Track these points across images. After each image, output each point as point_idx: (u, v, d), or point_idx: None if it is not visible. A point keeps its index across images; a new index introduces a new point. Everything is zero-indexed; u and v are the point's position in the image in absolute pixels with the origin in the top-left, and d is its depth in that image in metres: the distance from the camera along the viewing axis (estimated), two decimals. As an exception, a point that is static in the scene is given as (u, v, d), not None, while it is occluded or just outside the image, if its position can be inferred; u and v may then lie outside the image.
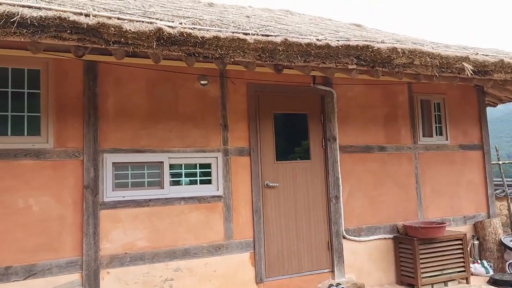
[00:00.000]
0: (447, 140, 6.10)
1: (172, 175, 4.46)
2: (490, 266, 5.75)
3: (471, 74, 4.62)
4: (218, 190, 4.60)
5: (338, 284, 4.86)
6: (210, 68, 4.57)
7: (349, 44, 4.00)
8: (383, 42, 4.28)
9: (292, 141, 5.15)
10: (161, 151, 4.39)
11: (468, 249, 5.99)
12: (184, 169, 4.53)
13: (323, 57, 3.94)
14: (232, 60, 3.63)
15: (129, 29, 3.11)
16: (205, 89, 4.66)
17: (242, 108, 4.84)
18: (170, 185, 4.41)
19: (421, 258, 5.15)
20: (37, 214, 3.84)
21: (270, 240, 4.82)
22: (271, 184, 4.87)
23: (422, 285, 5.10)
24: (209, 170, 4.62)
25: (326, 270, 5.08)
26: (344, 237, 5.19)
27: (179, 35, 3.28)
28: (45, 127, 3.94)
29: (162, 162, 4.37)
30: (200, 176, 4.59)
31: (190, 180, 4.58)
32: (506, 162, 9.42)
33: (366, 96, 5.59)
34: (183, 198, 4.44)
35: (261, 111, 4.92)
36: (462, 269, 5.38)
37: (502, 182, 9.34)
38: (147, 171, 4.36)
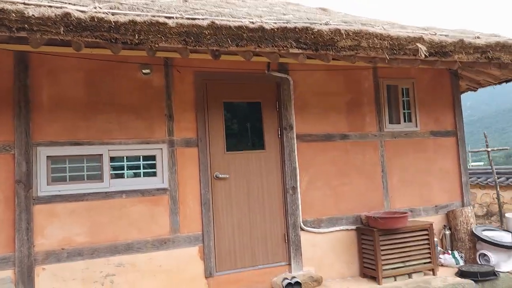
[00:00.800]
0: (416, 126, 5.85)
1: (114, 168, 4.33)
2: (461, 257, 5.51)
3: (426, 55, 4.37)
4: (163, 182, 4.45)
5: (293, 277, 4.69)
6: (153, 56, 4.40)
7: (286, 27, 3.79)
8: (326, 24, 4.06)
9: (245, 130, 4.97)
10: (100, 144, 4.25)
11: (440, 239, 5.79)
12: (127, 161, 4.39)
13: (258, 41, 3.74)
14: (156, 46, 3.46)
15: (33, 15, 2.96)
16: (148, 79, 4.50)
17: (189, 98, 4.67)
18: (111, 178, 4.28)
19: (382, 250, 4.94)
20: (-34, 210, 3.75)
21: (221, 233, 4.66)
22: (221, 176, 4.71)
23: (383, 277, 4.90)
24: (154, 162, 4.47)
25: (283, 263, 4.91)
26: (302, 229, 5.01)
27: (90, 20, 3.12)
28: (-27, 121, 3.84)
29: (102, 154, 4.24)
30: (144, 169, 4.45)
31: (134, 172, 4.44)
32: (495, 149, 9.09)
33: (327, 83, 5.37)
34: (125, 192, 4.31)
35: (210, 100, 4.75)
36: (428, 260, 5.16)
37: (491, 170, 9.07)
38: (86, 164, 4.24)
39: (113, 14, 3.24)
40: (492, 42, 4.79)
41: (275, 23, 3.83)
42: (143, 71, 4.44)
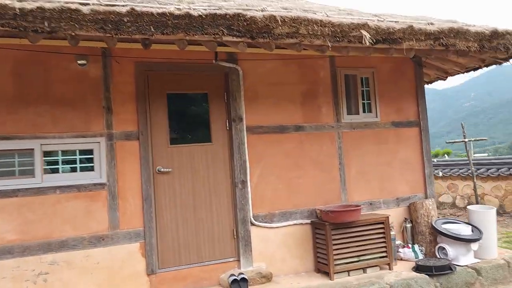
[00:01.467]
0: (377, 117, 5.67)
1: (49, 162, 4.18)
2: (421, 251, 5.36)
3: (371, 42, 4.18)
4: (101, 177, 4.30)
5: (241, 273, 4.55)
6: (91, 47, 4.24)
7: (215, 13, 3.61)
8: (262, 10, 3.87)
9: (190, 123, 4.80)
10: (32, 137, 4.10)
11: (401, 232, 5.64)
12: (63, 156, 4.24)
13: (185, 28, 3.56)
14: (71, 34, 3.29)
15: None
16: (84, 70, 4.33)
17: (130, 89, 4.50)
18: (45, 173, 4.13)
19: (335, 244, 4.79)
20: None
21: (164, 229, 4.52)
22: (163, 170, 4.55)
23: (335, 273, 4.75)
24: (92, 156, 4.32)
25: (231, 259, 4.77)
26: (252, 224, 4.86)
27: (-8, 7, 2.95)
28: None
29: (33, 149, 4.08)
30: (81, 163, 4.30)
31: (71, 167, 4.29)
32: (472, 139, 8.92)
33: (281, 73, 5.19)
34: (59, 187, 4.16)
35: (152, 92, 4.58)
36: (384, 254, 5.01)
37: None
38: (18, 159, 4.08)
39: (19, 0, 3.06)
40: (445, 28, 4.60)
41: (204, 9, 3.65)
42: (79, 62, 4.27)
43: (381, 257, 5.00)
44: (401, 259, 5.32)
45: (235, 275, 4.52)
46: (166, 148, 4.60)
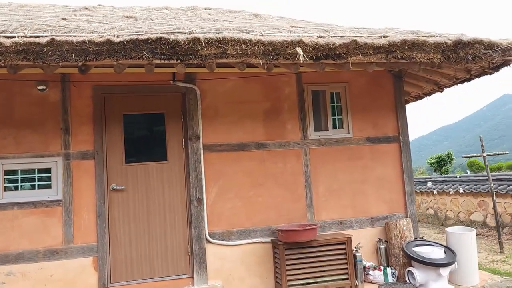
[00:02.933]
0: (348, 133, 5.48)
1: (10, 180, 4.55)
2: (394, 274, 5.06)
3: (305, 59, 4.10)
4: (57, 194, 4.60)
5: (191, 291, 4.61)
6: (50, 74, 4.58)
7: (137, 38, 3.77)
8: (190, 33, 3.97)
9: (147, 142, 4.98)
10: (-8, 158, 4.49)
11: (376, 253, 5.37)
12: (22, 174, 4.59)
13: (107, 54, 3.75)
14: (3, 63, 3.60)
15: None
16: (44, 95, 4.68)
17: (88, 111, 4.78)
18: (5, 190, 4.50)
19: (288, 264, 4.69)
20: None
21: (117, 245, 4.70)
22: (117, 187, 4.76)
23: (289, 294, 4.65)
24: (49, 174, 4.63)
25: (185, 276, 4.84)
26: (208, 241, 4.90)
27: None
28: None
29: (-6, 168, 4.48)
30: (40, 181, 4.62)
31: (31, 185, 4.63)
32: (491, 154, 8.24)
33: (242, 91, 5.22)
34: (18, 203, 4.50)
35: (109, 113, 4.83)
36: (345, 276, 4.81)
37: (487, 177, 8.29)
38: (-18, 177, 4.49)
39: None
40: (396, 41, 4.39)
41: (129, 35, 3.82)
42: (38, 87, 4.63)
43: (342, 279, 4.80)
44: (371, 282, 5.06)
45: (184, 292, 4.58)
46: (121, 167, 4.80)
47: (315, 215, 5.27)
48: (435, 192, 11.73)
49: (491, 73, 5.39)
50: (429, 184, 11.30)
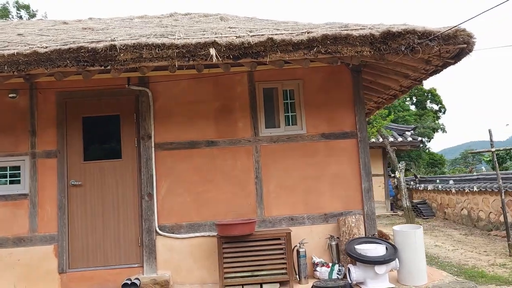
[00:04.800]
0: (302, 129, 5.50)
1: (-14, 177, 5.27)
2: (340, 271, 5.01)
3: (218, 59, 4.27)
4: (24, 189, 5.23)
5: (136, 278, 4.96)
6: (21, 82, 5.23)
7: (59, 48, 4.22)
8: (112, 40, 4.34)
9: (104, 142, 5.44)
10: (-28, 157, 5.24)
11: (328, 250, 5.33)
12: (-3, 171, 5.29)
13: (35, 64, 4.25)
14: None
15: None
16: (15, 101, 5.34)
17: (52, 115, 5.36)
18: (-18, 185, 5.23)
19: (225, 257, 4.87)
20: None
21: (75, 235, 5.22)
22: (75, 183, 5.27)
23: (227, 285, 4.83)
24: (19, 171, 5.28)
25: (136, 265, 5.22)
26: (158, 234, 5.23)
27: None
28: None
29: (-29, 166, 5.22)
30: (11, 177, 5.29)
31: (5, 180, 5.30)
32: (501, 149, 7.61)
33: (194, 91, 5.49)
34: (-8, 196, 5.20)
35: (70, 116, 5.37)
36: (284, 271, 4.87)
37: (496, 176, 7.74)
38: (-37, 174, 5.26)
39: None
40: (317, 36, 4.38)
41: (56, 46, 4.29)
42: (10, 95, 5.29)
43: (280, 274, 4.87)
44: (318, 278, 5.05)
45: (131, 279, 4.96)
46: (79, 164, 5.32)
47: (265, 211, 5.37)
48: (467, 190, 10.99)
49: (453, 63, 5.11)
50: (451, 182, 10.62)
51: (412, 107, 29.03)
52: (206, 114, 5.47)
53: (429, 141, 27.09)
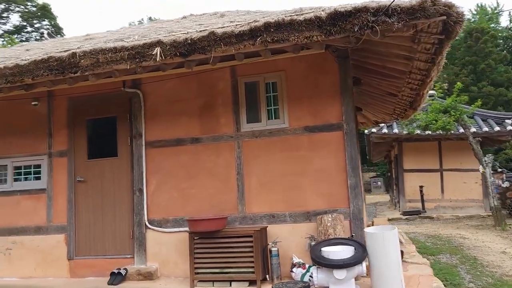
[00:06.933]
0: (284, 123, 5.25)
1: (16, 173, 6.17)
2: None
3: (162, 57, 4.35)
4: (43, 184, 5.99)
5: (124, 269, 5.34)
6: (41, 91, 6.02)
7: (35, 60, 4.77)
8: (78, 48, 4.74)
9: (104, 141, 5.91)
10: (6, 157, 6.18)
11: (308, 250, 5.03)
12: (24, 169, 6.16)
13: (18, 75, 4.87)
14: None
15: None
16: (37, 108, 6.14)
17: (64, 119, 6.05)
18: (13, 181, 6.14)
19: (197, 253, 4.94)
20: None
21: (80, 226, 5.80)
22: (80, 179, 5.85)
23: (199, 281, 4.90)
24: (40, 169, 6.07)
25: (128, 256, 5.59)
26: (147, 227, 5.53)
27: None
28: None
29: (6, 165, 6.16)
30: (34, 174, 6.11)
31: (29, 177, 6.15)
32: None
33: (179, 90, 5.65)
34: (20, 191, 6.09)
35: (76, 119, 5.98)
36: (251, 270, 4.75)
37: None
38: None
39: None
40: (259, 25, 4.20)
41: (36, 57, 4.86)
42: (33, 103, 6.11)
43: (248, 272, 4.76)
44: (293, 279, 4.81)
45: (120, 269, 5.35)
46: (84, 162, 5.89)
47: (246, 207, 5.28)
48: None
49: (444, 39, 4.42)
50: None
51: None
52: (190, 112, 5.58)
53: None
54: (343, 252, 4.27)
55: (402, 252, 5.24)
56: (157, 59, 4.38)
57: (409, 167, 14.31)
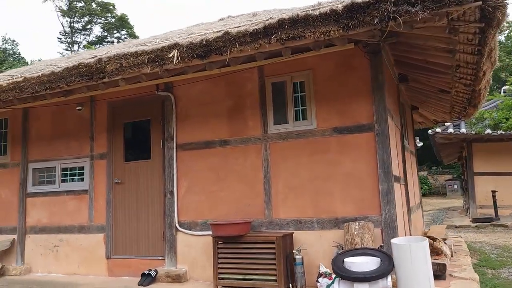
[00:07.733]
0: (312, 124, 5.00)
1: (63, 175, 6.54)
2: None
3: (179, 60, 4.33)
4: (86, 185, 6.28)
5: (155, 270, 5.41)
6: (85, 96, 6.34)
7: (67, 67, 4.99)
8: (106, 53, 4.88)
9: (140, 144, 6.04)
10: (55, 159, 6.57)
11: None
12: (70, 170, 6.51)
13: (55, 82, 5.13)
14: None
15: None
16: (81, 113, 6.45)
17: (104, 123, 6.29)
18: (61, 182, 6.52)
19: (220, 258, 4.86)
20: (3, 199, 6.91)
21: (117, 226, 5.99)
22: (117, 181, 6.04)
23: (220, 286, 4.82)
24: (83, 171, 6.38)
25: (160, 257, 5.65)
26: (178, 230, 5.56)
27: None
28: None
29: (55, 167, 6.55)
30: (78, 176, 6.43)
31: (74, 178, 6.49)
32: None
33: (209, 92, 5.62)
34: (66, 191, 6.43)
35: (115, 123, 6.18)
36: (273, 278, 4.56)
37: None
38: (48, 173, 6.64)
39: None
40: (273, 22, 4.03)
41: (70, 65, 5.09)
42: (77, 108, 6.44)
43: (270, 280, 4.59)
44: (317, 290, 4.56)
45: (150, 270, 5.43)
46: (121, 164, 6.08)
47: (273, 212, 5.10)
48: None
49: (484, 27, 3.94)
50: None
51: None
52: (219, 114, 5.52)
53: None
54: (367, 264, 3.94)
55: (444, 265, 4.76)
56: (174, 62, 4.36)
57: (479, 170, 13.11)
